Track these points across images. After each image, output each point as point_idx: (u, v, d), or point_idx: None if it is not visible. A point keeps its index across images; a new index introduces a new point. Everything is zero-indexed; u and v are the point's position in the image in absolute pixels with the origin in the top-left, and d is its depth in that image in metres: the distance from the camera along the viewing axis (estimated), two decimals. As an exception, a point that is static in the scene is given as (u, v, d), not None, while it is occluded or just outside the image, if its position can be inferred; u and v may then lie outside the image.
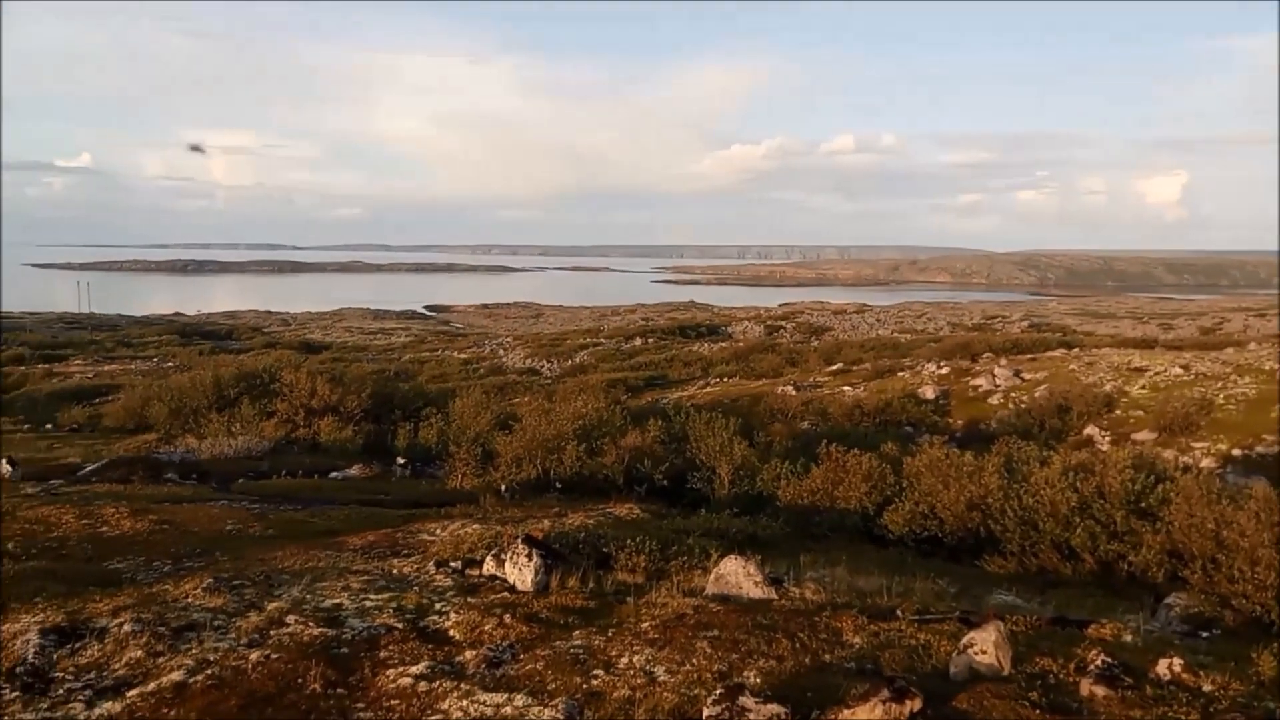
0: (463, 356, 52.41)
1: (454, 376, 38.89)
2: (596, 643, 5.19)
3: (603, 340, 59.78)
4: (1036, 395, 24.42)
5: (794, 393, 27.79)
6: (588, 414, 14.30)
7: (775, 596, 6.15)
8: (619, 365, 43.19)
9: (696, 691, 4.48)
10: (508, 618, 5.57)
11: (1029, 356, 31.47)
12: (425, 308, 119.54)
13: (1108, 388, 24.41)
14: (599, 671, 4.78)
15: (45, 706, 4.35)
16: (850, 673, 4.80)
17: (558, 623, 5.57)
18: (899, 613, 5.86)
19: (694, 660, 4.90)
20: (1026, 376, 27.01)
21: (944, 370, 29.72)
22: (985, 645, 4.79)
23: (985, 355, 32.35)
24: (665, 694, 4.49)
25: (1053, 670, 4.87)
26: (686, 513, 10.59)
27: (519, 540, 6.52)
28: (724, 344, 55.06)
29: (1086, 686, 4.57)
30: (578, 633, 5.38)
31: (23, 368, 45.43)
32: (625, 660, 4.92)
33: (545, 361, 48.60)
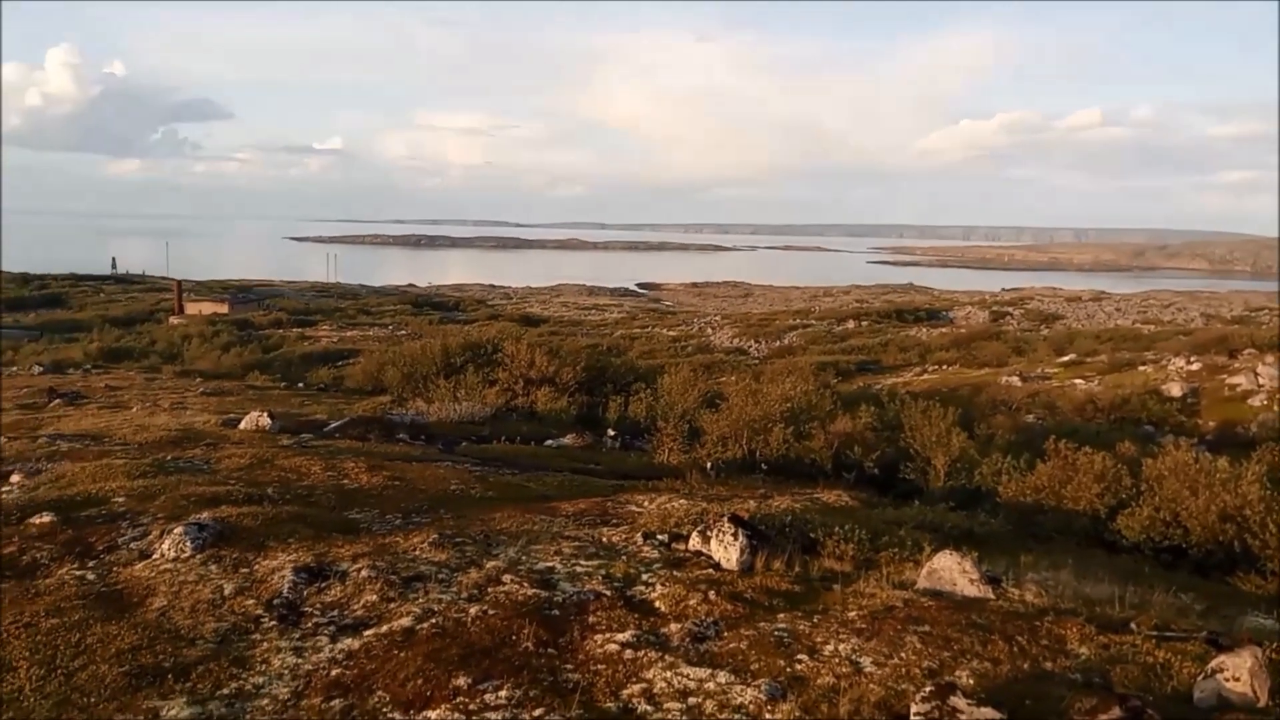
0: (671, 334, 53.20)
1: (662, 353, 39.56)
2: (801, 627, 5.11)
3: (813, 322, 58.79)
4: (1309, 398, 21.76)
5: (1019, 384, 26.19)
6: (796, 396, 14.10)
7: (992, 596, 5.82)
8: (829, 348, 42.36)
9: (904, 686, 4.32)
10: (712, 594, 5.59)
11: (1301, 354, 28.03)
12: (637, 285, 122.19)
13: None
14: (803, 656, 4.71)
15: (297, 636, 4.81)
16: (1075, 684, 4.46)
17: (762, 604, 5.53)
18: (1133, 626, 5.38)
19: (902, 654, 4.73)
20: (1296, 376, 24.10)
21: (1194, 366, 27.02)
22: (1238, 671, 4.31)
23: (1247, 351, 29.08)
24: (871, 685, 4.36)
25: (1320, 708, 4.31)
26: (898, 503, 10.23)
27: (725, 518, 6.53)
28: (944, 329, 52.71)
29: (1363, 730, 4.02)
30: (782, 615, 5.32)
31: (280, 331, 50.51)
32: (830, 648, 4.82)
33: (753, 341, 48.46)
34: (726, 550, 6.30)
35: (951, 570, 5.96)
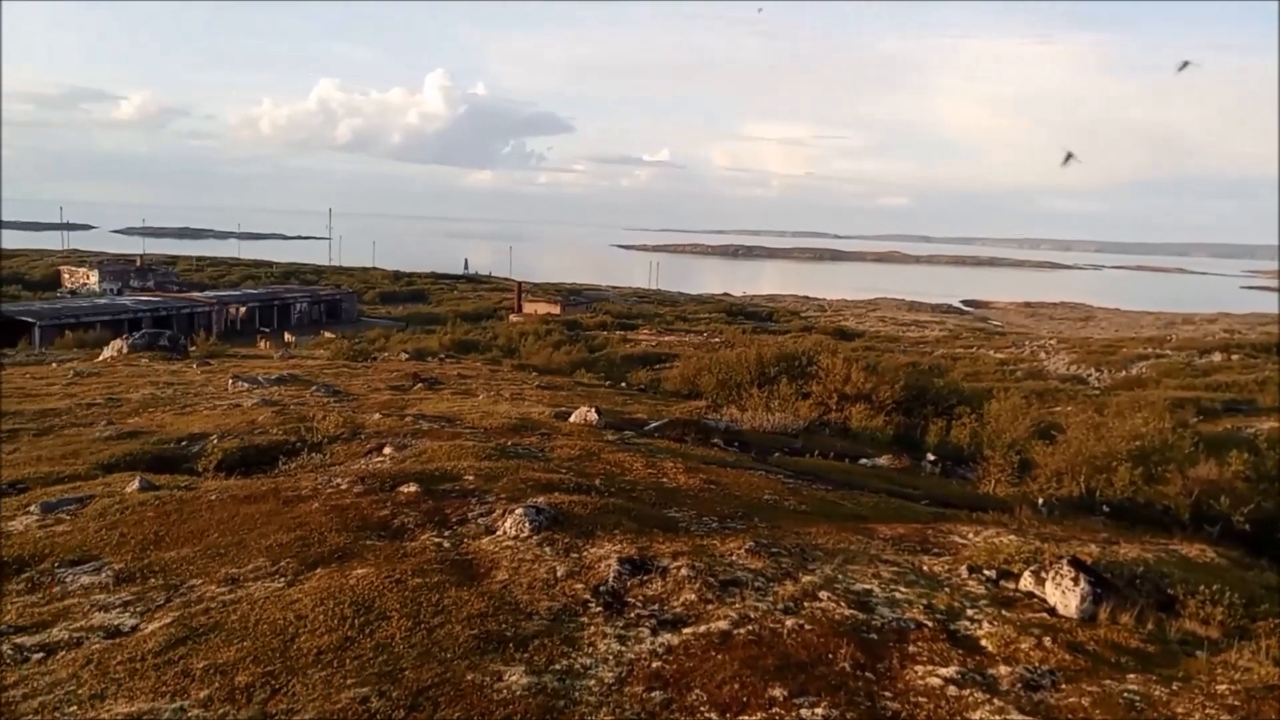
0: (999, 356, 49.94)
1: (988, 376, 37.22)
2: (1156, 693, 4.53)
3: (1168, 352, 52.47)
4: None
5: None
6: (1147, 434, 12.61)
7: None
8: (1189, 382, 37.55)
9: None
10: (1047, 640, 5.12)
11: None
12: (962, 302, 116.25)
13: None
14: (1159, 728, 4.16)
15: (620, 625, 5.04)
16: None
17: (1106, 659, 4.97)
18: None
19: (1289, 747, 4.03)
20: None
21: None
22: None
23: None
24: (1248, 778, 3.76)
25: None
26: (1278, 567, 8.80)
27: (1064, 560, 5.96)
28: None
29: None
30: (1132, 676, 4.74)
31: (605, 332, 53.79)
32: (1194, 723, 4.22)
33: (1093, 369, 44.18)
34: (1064, 595, 5.75)
35: (1356, 655, 5.00)
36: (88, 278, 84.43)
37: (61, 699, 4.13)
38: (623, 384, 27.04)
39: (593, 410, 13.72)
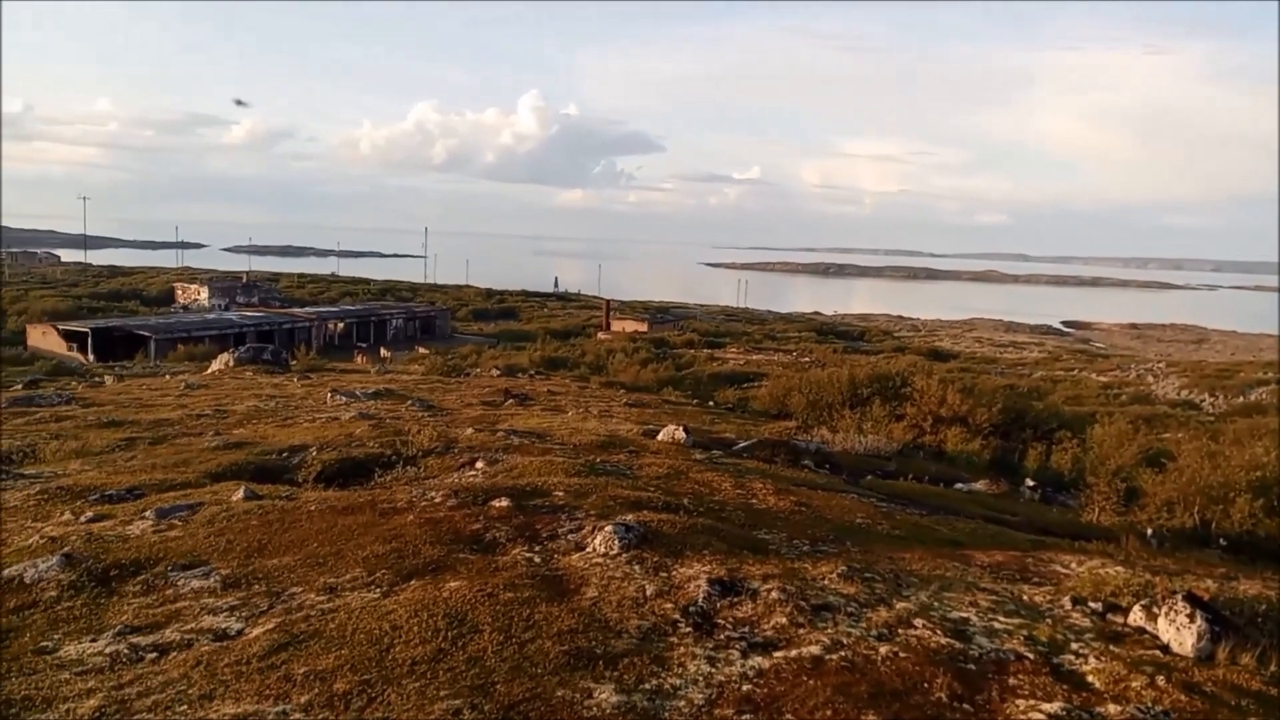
0: (1102, 379, 48.09)
1: (1090, 400, 35.85)
2: (1281, 742, 4.26)
3: (1288, 377, 49.69)
4: None
5: None
6: (1268, 463, 11.95)
7: None
8: (1311, 409, 35.45)
9: None
10: (1160, 679, 4.87)
11: None
12: (1062, 323, 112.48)
13: None
14: (1285, 778, 3.91)
15: (710, 646, 4.99)
16: None
17: (1225, 701, 4.70)
18: None
19: None
20: None
21: None
22: None
23: None
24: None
25: None
26: None
27: (1178, 595, 5.67)
28: None
29: None
30: (1254, 721, 4.48)
31: (691, 350, 53.74)
32: (1324, 775, 3.94)
33: (1206, 395, 42.14)
34: (1179, 632, 5.46)
35: None
36: (198, 294, 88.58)
37: (173, 698, 4.30)
38: (710, 402, 26.95)
39: (680, 429, 13.69)
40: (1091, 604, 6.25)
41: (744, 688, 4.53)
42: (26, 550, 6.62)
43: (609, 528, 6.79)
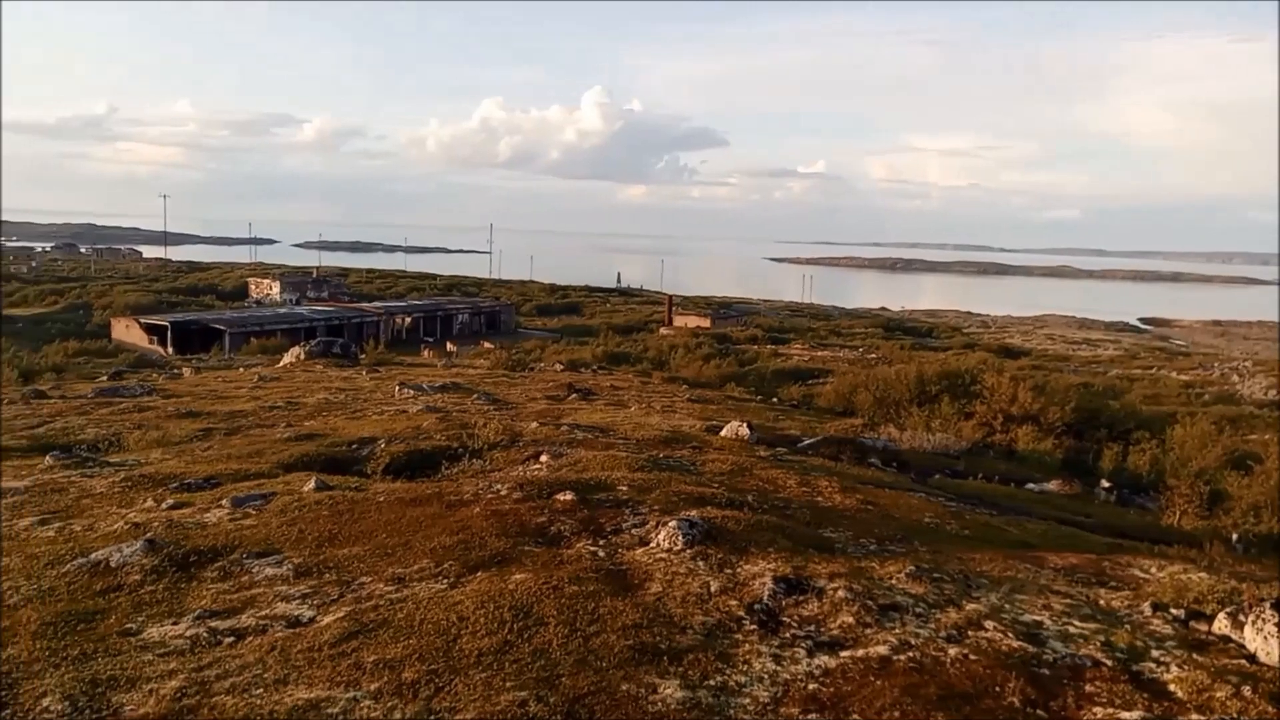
0: (1182, 378, 46.50)
1: (1170, 399, 34.68)
2: (1378, 759, 4.06)
3: (1384, 376, 47.46)
4: None
5: None
6: (1363, 466, 11.44)
7: None
8: (1406, 410, 33.79)
9: None
10: (1246, 690, 4.68)
11: None
12: (1139, 320, 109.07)
13: None
14: (1383, 797, 3.72)
15: (775, 644, 4.95)
16: None
17: (1316, 716, 4.50)
18: None
19: None
20: None
21: None
22: None
23: None
24: None
25: None
26: None
27: (1266, 603, 5.44)
28: None
29: None
30: (1348, 737, 4.27)
31: (755, 346, 53.41)
32: None
33: (1293, 394, 40.43)
34: (1266, 641, 5.24)
35: None
36: (271, 289, 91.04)
37: (250, 681, 4.41)
38: (773, 399, 26.76)
39: (744, 425, 13.62)
40: (1173, 610, 6.04)
41: (810, 687, 4.48)
42: (112, 535, 6.87)
43: (673, 523, 6.78)
